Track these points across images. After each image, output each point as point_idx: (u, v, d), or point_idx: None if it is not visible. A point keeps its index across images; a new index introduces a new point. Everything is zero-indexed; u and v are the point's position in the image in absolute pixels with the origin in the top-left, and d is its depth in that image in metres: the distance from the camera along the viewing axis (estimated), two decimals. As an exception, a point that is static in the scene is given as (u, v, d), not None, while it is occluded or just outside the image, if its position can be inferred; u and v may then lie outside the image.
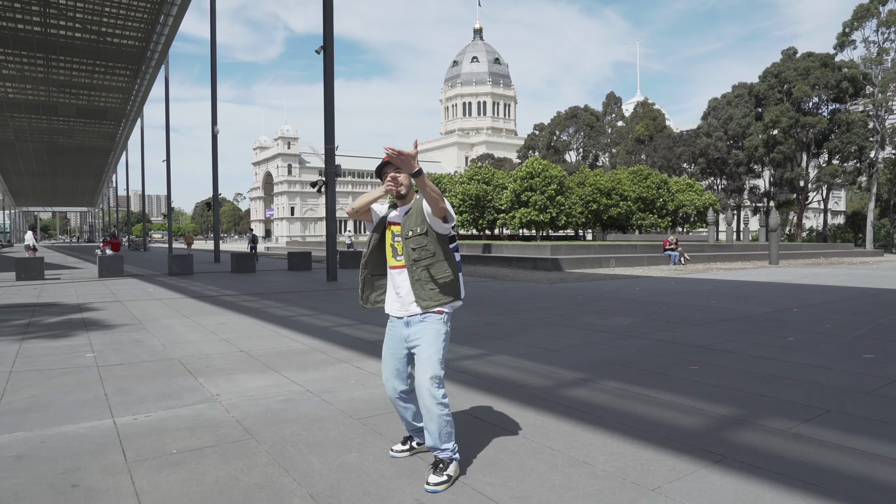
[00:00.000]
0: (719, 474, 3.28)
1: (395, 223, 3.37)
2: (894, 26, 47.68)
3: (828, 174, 52.11)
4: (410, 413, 3.49)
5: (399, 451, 3.60)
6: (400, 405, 3.48)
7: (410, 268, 3.25)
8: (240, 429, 4.13)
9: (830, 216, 74.68)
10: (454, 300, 3.31)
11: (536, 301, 11.71)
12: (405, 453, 3.60)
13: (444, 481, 3.15)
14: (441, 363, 3.27)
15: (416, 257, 3.22)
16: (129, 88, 36.80)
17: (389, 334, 3.45)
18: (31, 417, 4.42)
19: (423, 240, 3.22)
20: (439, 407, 3.20)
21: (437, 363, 3.24)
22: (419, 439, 3.60)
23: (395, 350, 3.41)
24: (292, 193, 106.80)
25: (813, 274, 19.91)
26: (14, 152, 55.99)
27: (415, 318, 3.30)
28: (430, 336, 3.26)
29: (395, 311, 3.38)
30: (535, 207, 38.19)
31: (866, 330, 8.15)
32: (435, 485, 3.13)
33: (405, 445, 3.63)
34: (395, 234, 3.36)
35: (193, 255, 23.47)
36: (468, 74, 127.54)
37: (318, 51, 17.41)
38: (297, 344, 7.41)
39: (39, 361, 6.41)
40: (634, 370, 5.83)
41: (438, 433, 3.21)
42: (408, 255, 3.24)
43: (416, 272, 3.24)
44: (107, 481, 3.25)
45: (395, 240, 3.35)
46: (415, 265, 3.23)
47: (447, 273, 3.26)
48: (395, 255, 3.36)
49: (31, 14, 25.39)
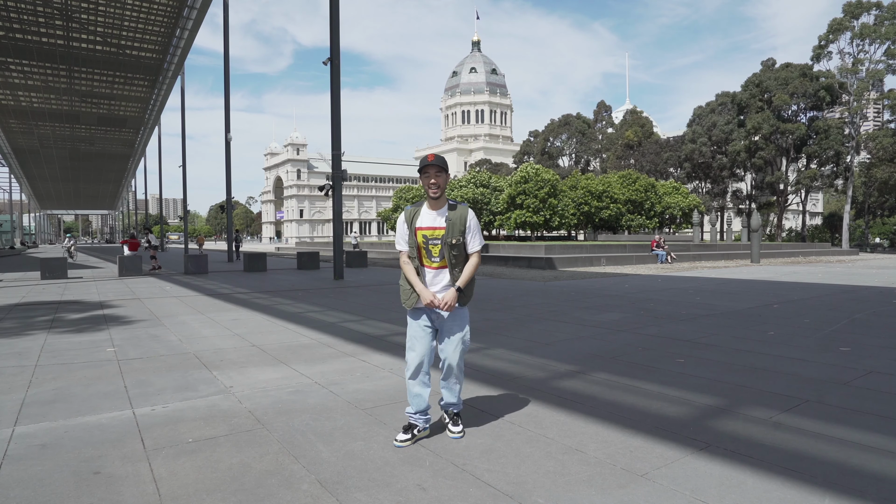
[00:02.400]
0: (704, 461, 3.28)
1: (427, 227, 3.59)
2: (867, 38, 47.70)
3: (806, 178, 52.11)
4: (427, 393, 3.71)
5: (402, 441, 3.62)
6: (416, 386, 3.68)
7: (451, 269, 3.59)
8: (252, 419, 4.13)
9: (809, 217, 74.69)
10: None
11: (531, 298, 11.70)
12: (408, 442, 3.62)
13: (462, 429, 3.76)
14: (468, 342, 3.76)
15: (455, 262, 3.59)
16: (146, 98, 36.83)
17: (421, 323, 3.66)
18: (56, 408, 4.42)
19: (461, 248, 3.60)
20: (463, 374, 3.82)
21: (467, 341, 3.73)
22: (422, 425, 3.71)
23: (425, 337, 3.66)
24: (301, 197, 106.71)
25: (792, 272, 19.90)
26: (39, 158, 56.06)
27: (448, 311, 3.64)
28: (462, 321, 3.69)
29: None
30: (528, 209, 38.18)
31: (842, 324, 8.14)
32: (459, 433, 3.73)
33: (407, 434, 3.65)
34: (427, 237, 3.60)
35: (208, 255, 23.46)
36: (467, 84, 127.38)
37: (326, 62, 17.39)
38: (305, 339, 7.41)
39: (63, 355, 6.41)
40: (624, 363, 5.83)
41: (459, 392, 3.80)
42: (449, 258, 3.58)
43: (455, 273, 3.60)
44: (126, 468, 3.26)
45: (430, 243, 3.59)
46: (454, 267, 3.59)
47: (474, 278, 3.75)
48: (430, 256, 3.62)
49: (55, 28, 25.43)
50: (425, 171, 3.54)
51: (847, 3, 48.39)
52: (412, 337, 3.68)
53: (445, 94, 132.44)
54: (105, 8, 24.11)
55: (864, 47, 48.52)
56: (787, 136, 51.67)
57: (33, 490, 2.99)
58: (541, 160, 73.33)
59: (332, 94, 17.44)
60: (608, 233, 45.68)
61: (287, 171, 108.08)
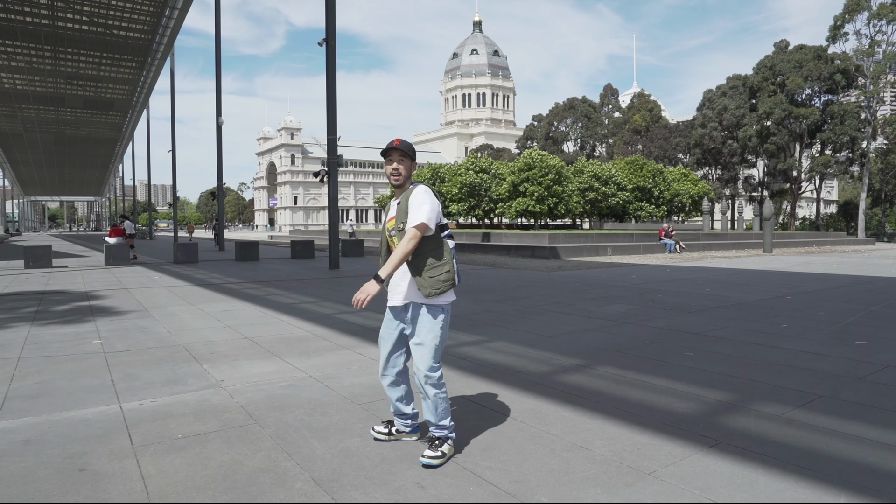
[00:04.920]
0: (714, 459, 3.27)
1: (389, 219, 3.40)
2: (885, 19, 47.42)
3: (820, 164, 52.01)
4: (399, 395, 3.48)
5: (378, 433, 3.59)
6: (392, 389, 3.47)
7: (409, 261, 3.26)
8: (244, 414, 4.12)
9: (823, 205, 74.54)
10: (451, 286, 3.29)
11: (534, 289, 11.69)
12: (383, 436, 3.57)
13: (440, 456, 3.21)
14: (438, 348, 3.30)
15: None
16: (135, 80, 36.66)
17: (389, 315, 3.45)
18: (39, 403, 4.40)
19: None
20: (433, 389, 3.27)
21: (434, 348, 3.28)
22: (400, 425, 3.58)
23: (392, 334, 3.42)
24: (295, 183, 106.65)
25: (806, 262, 19.89)
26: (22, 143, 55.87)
27: (415, 304, 3.31)
28: (429, 322, 3.28)
29: (396, 301, 3.37)
30: (532, 198, 38.10)
31: (858, 317, 8.13)
32: (430, 458, 3.19)
33: (385, 429, 3.60)
34: (389, 230, 3.38)
35: (198, 244, 23.42)
36: (468, 66, 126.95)
37: (321, 43, 17.28)
38: (299, 331, 7.40)
39: (47, 348, 6.39)
40: (631, 356, 5.82)
41: (435, 408, 3.29)
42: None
43: (412, 263, 3.26)
44: (113, 465, 3.24)
45: (391, 235, 3.36)
46: (415, 258, 3.25)
47: (440, 262, 3.25)
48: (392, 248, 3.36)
49: (39, 7, 25.26)
50: (388, 156, 3.31)
51: (865, -19, 48.09)
52: (380, 336, 3.51)
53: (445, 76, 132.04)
54: (91, -14, 23.97)
55: (881, 28, 48.25)
56: (801, 120, 51.54)
57: (16, 487, 2.98)
58: (545, 145, 73.19)
59: (328, 77, 17.34)
60: (615, 221, 45.63)
61: (281, 157, 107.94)
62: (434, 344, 3.28)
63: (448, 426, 3.33)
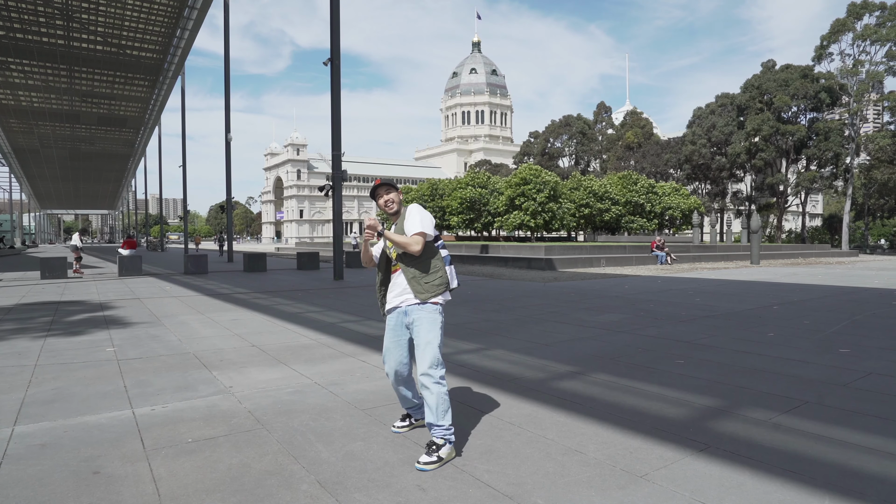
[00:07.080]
0: (704, 462, 3.28)
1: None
2: (869, 39, 47.68)
3: (806, 179, 52.09)
4: (410, 393, 3.74)
5: (399, 427, 3.84)
6: (402, 390, 3.70)
7: (405, 269, 3.54)
8: (251, 419, 4.13)
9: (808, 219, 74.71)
10: (445, 290, 3.57)
11: (531, 299, 11.70)
12: (405, 428, 3.84)
13: (435, 462, 3.26)
14: (439, 346, 3.48)
15: (406, 262, 3.55)
16: (147, 98, 36.82)
17: (391, 325, 3.64)
18: (55, 408, 4.42)
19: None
20: (437, 385, 3.39)
21: (436, 346, 3.46)
22: (417, 416, 3.84)
23: (397, 338, 3.61)
24: (301, 197, 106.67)
25: (792, 273, 19.90)
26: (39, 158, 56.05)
27: (413, 307, 3.52)
28: (428, 323, 3.48)
29: (395, 304, 3.59)
30: (527, 212, 38.14)
31: (842, 326, 8.14)
32: (425, 464, 3.24)
33: (405, 422, 3.88)
34: (388, 247, 3.68)
35: (207, 255, 23.44)
36: (467, 85, 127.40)
37: (326, 63, 17.39)
38: (305, 339, 7.41)
39: (62, 355, 6.40)
40: (623, 364, 5.83)
41: (436, 407, 3.37)
42: (400, 259, 3.57)
43: (409, 272, 3.53)
44: (126, 468, 3.26)
45: (389, 250, 3.67)
46: (407, 267, 3.54)
47: (433, 269, 3.54)
48: (392, 261, 3.67)
49: (56, 28, 25.44)
50: (376, 194, 3.68)
51: (851, 4, 48.26)
52: (385, 348, 3.67)
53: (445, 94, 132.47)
54: (106, 8, 24.11)
55: (865, 48, 48.49)
56: (788, 137, 51.67)
57: (32, 490, 2.99)
58: (541, 161, 73.31)
59: (333, 95, 17.43)
60: (608, 234, 45.64)
61: (287, 172, 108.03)
62: (437, 341, 3.47)
63: (447, 426, 3.38)
